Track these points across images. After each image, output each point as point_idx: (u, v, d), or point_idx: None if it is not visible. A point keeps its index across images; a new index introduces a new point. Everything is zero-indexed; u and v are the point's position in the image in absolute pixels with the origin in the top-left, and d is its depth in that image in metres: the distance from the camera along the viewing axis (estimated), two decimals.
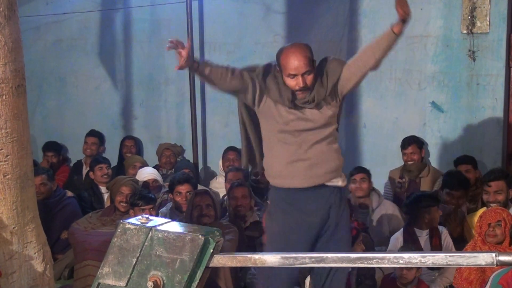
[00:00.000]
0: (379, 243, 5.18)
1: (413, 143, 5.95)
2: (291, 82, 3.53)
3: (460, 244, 4.93)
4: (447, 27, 5.96)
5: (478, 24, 5.81)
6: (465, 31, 5.87)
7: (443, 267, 4.80)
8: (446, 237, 4.88)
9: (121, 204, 5.35)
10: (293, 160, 3.60)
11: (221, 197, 6.00)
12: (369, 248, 4.85)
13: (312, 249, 3.63)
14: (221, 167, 6.45)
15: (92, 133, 7.15)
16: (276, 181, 3.67)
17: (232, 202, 5.30)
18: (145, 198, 5.07)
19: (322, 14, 6.38)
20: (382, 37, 3.65)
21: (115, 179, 5.73)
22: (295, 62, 3.49)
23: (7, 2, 2.96)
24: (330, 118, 3.64)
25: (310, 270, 3.82)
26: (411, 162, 5.91)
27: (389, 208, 5.57)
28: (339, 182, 3.68)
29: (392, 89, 6.23)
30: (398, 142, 6.16)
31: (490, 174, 5.04)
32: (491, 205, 4.92)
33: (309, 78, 3.52)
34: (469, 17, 5.82)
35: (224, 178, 6.05)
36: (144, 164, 6.62)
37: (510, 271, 4.09)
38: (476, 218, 4.87)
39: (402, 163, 6.05)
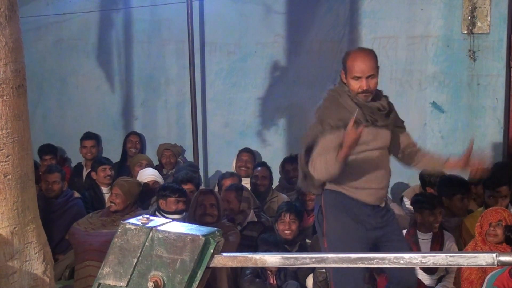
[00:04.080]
0: None
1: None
2: (355, 85, 3.61)
3: None
4: (448, 27, 5.96)
5: (479, 24, 5.81)
6: (465, 32, 5.87)
7: (444, 276, 4.81)
8: (450, 246, 4.84)
9: (111, 203, 5.38)
10: (369, 179, 3.72)
11: None
12: None
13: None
14: (234, 167, 6.48)
15: (89, 135, 7.12)
16: (346, 191, 3.74)
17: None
18: (179, 190, 5.13)
19: (322, 14, 6.38)
20: (436, 162, 3.93)
21: (116, 180, 5.73)
22: (361, 65, 3.60)
23: (8, 3, 2.96)
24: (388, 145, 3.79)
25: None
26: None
27: (395, 210, 5.56)
28: (382, 204, 3.84)
29: (393, 89, 6.22)
30: None
31: (496, 179, 4.99)
32: None
33: (373, 82, 3.62)
34: (469, 18, 5.82)
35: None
36: (150, 163, 6.64)
37: (505, 272, 4.09)
38: (474, 219, 4.87)
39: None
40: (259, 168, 6.11)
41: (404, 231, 5.00)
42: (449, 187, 5.29)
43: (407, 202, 5.77)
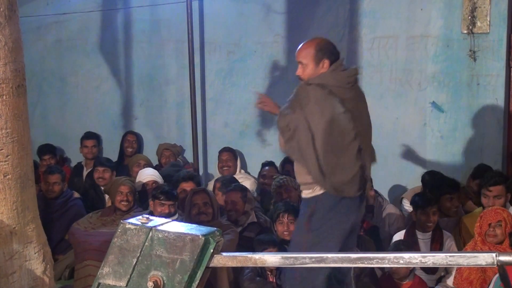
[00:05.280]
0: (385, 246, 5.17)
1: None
2: None
3: None
4: (448, 27, 5.95)
5: (479, 24, 5.81)
6: (465, 31, 5.87)
7: (444, 276, 4.81)
8: (449, 245, 4.85)
9: (122, 203, 5.36)
10: None
11: None
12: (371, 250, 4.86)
13: None
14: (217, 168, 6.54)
15: (90, 135, 7.11)
16: None
17: (226, 206, 5.35)
18: (167, 193, 5.12)
19: (322, 14, 6.38)
20: None
21: (112, 181, 5.74)
22: (296, 49, 3.79)
23: (8, 2, 2.96)
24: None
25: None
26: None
27: (392, 211, 5.57)
28: (303, 195, 3.86)
29: (393, 89, 6.23)
30: (399, 142, 6.16)
31: (490, 179, 4.98)
32: None
33: (303, 71, 3.73)
34: (469, 17, 5.81)
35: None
36: (149, 163, 6.64)
37: None
38: (473, 218, 4.86)
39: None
40: (267, 168, 6.16)
41: (403, 232, 5.01)
42: (438, 187, 5.29)
43: (406, 204, 5.77)
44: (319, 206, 3.71)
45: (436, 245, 4.81)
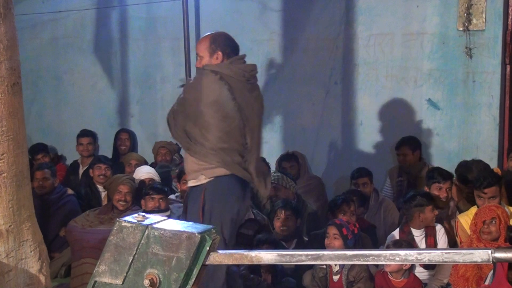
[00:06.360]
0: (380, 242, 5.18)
1: (404, 144, 5.88)
2: None
3: None
4: (443, 24, 5.96)
5: (474, 21, 5.82)
6: (461, 28, 5.88)
7: (436, 269, 4.81)
8: (441, 236, 4.86)
9: (120, 202, 5.35)
10: None
11: None
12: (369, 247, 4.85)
13: None
14: None
15: (85, 133, 7.08)
16: None
17: None
18: (155, 188, 5.21)
19: (318, 11, 6.38)
20: None
21: (113, 178, 5.74)
22: None
23: (3, 0, 2.95)
24: None
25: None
26: (403, 163, 5.86)
27: (388, 206, 5.58)
28: (189, 184, 3.95)
29: (389, 86, 6.24)
30: (395, 139, 6.17)
31: (483, 180, 4.93)
32: None
33: (201, 63, 3.88)
34: (465, 14, 5.82)
35: None
36: (141, 161, 6.61)
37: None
38: (467, 217, 4.86)
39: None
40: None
41: (397, 231, 5.01)
42: (428, 177, 5.30)
43: (387, 185, 5.92)
44: (207, 195, 3.82)
45: (431, 239, 4.82)
